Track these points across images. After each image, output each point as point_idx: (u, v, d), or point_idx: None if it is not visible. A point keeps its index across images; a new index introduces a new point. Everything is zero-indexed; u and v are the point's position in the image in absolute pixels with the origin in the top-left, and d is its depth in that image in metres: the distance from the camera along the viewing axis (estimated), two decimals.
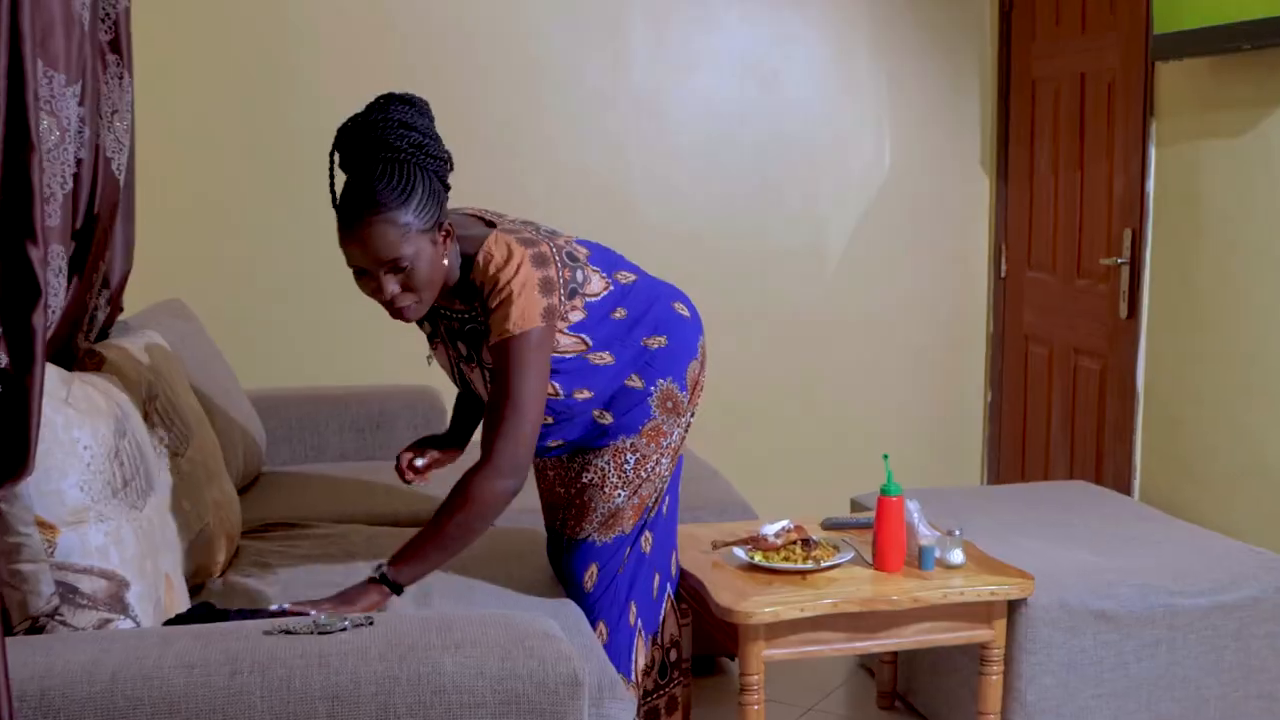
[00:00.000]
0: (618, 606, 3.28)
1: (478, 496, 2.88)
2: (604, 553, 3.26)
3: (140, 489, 2.71)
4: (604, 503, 3.23)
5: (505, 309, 2.88)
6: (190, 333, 4.19)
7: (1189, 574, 3.58)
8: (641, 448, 3.22)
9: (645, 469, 3.23)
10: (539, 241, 3.02)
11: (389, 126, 2.91)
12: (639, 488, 3.23)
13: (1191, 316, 4.28)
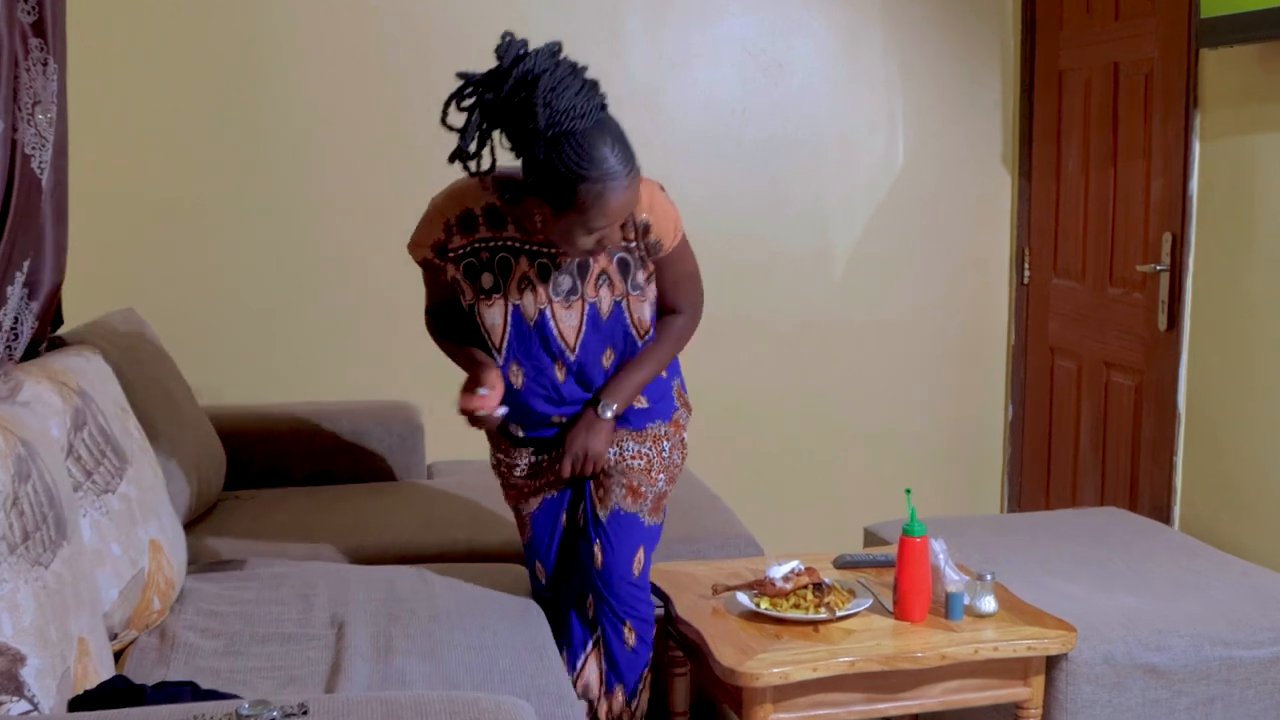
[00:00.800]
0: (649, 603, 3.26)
1: (683, 336, 3.21)
2: (651, 535, 3.23)
3: (47, 540, 2.34)
4: (650, 486, 3.20)
5: (668, 221, 3.07)
6: (141, 347, 3.85)
7: (1246, 621, 3.22)
8: (671, 437, 3.24)
9: (675, 458, 3.25)
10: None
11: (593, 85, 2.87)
12: (673, 477, 3.25)
13: (1239, 329, 3.95)
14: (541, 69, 2.74)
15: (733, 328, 4.90)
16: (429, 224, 3.08)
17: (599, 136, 2.76)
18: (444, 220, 3.05)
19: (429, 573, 3.37)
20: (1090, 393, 4.75)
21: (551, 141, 2.71)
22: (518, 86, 2.75)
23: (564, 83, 2.75)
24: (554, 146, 2.72)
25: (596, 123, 2.77)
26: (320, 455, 4.43)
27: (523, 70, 2.75)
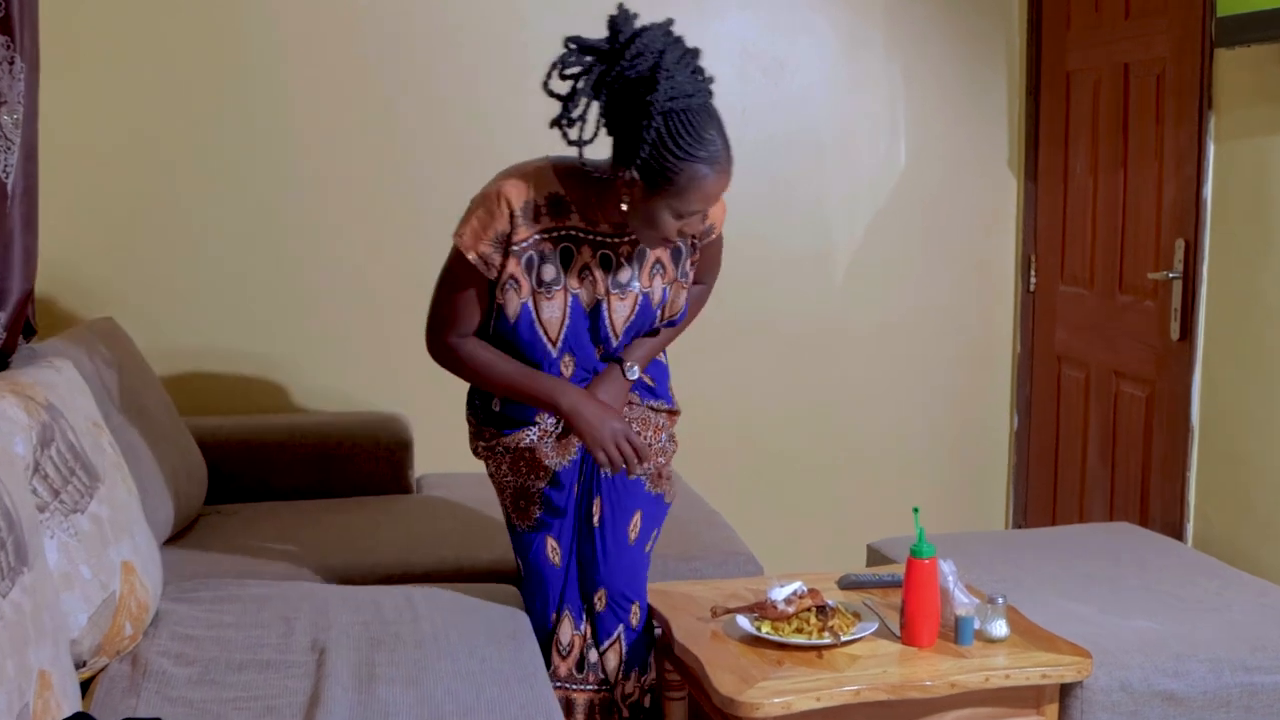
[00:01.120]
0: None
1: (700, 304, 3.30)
2: (650, 503, 3.23)
3: (6, 568, 2.21)
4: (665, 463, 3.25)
5: (720, 207, 3.08)
6: (119, 357, 3.74)
7: (1267, 645, 3.10)
8: (667, 427, 3.25)
9: (670, 449, 3.26)
10: None
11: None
12: (668, 462, 3.26)
13: (1256, 338, 3.84)
14: (664, 44, 2.76)
15: (730, 332, 4.79)
16: (489, 215, 2.95)
17: (708, 119, 2.78)
18: (508, 210, 2.94)
19: (416, 594, 3.26)
20: (1099, 403, 4.64)
21: (666, 117, 2.72)
22: (638, 58, 2.73)
23: (684, 60, 2.76)
24: (667, 122, 2.72)
25: (704, 105, 2.78)
26: (305, 468, 4.33)
27: (645, 43, 2.75)
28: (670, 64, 2.72)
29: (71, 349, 3.40)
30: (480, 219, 2.94)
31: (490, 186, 2.98)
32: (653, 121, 2.71)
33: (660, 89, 2.70)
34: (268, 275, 4.58)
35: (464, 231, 2.96)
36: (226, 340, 4.59)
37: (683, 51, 2.78)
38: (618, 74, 2.75)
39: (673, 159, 2.73)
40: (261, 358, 4.62)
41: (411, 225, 4.63)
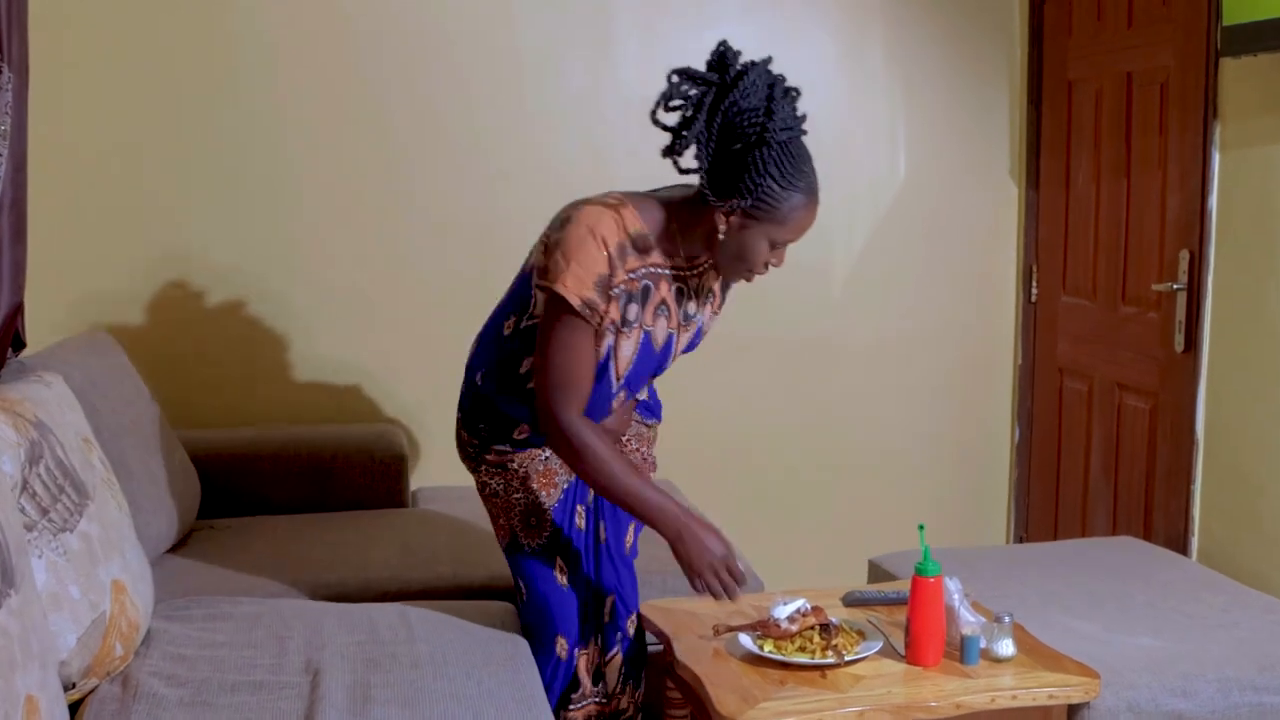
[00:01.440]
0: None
1: None
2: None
3: None
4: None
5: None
6: (111, 370, 3.72)
7: (1276, 664, 3.07)
8: (654, 442, 3.33)
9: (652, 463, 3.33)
10: None
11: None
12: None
13: (1262, 351, 3.82)
14: (771, 78, 2.82)
15: (729, 344, 4.72)
16: (589, 257, 2.85)
17: (806, 152, 2.88)
18: (605, 252, 2.87)
19: (411, 612, 3.21)
20: (1102, 416, 4.62)
21: (777, 147, 2.78)
22: (750, 90, 2.78)
23: (789, 94, 2.83)
24: (777, 153, 2.79)
25: (803, 138, 2.88)
26: (299, 482, 4.30)
27: (755, 75, 2.80)
28: (780, 96, 2.79)
29: (61, 362, 3.35)
30: (581, 263, 2.84)
31: (577, 226, 2.88)
32: (764, 151, 2.77)
33: (775, 119, 2.76)
34: (260, 286, 4.56)
35: (564, 279, 2.84)
36: (219, 352, 4.56)
37: (786, 86, 2.83)
38: (731, 104, 2.78)
39: (779, 188, 2.80)
40: (255, 370, 4.60)
41: (405, 237, 4.62)
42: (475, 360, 3.12)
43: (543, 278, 2.87)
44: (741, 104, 2.78)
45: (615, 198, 2.94)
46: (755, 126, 2.77)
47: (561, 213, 2.95)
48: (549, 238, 2.92)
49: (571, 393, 2.88)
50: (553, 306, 2.87)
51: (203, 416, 4.48)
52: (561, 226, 2.88)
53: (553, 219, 2.98)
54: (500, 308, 3.10)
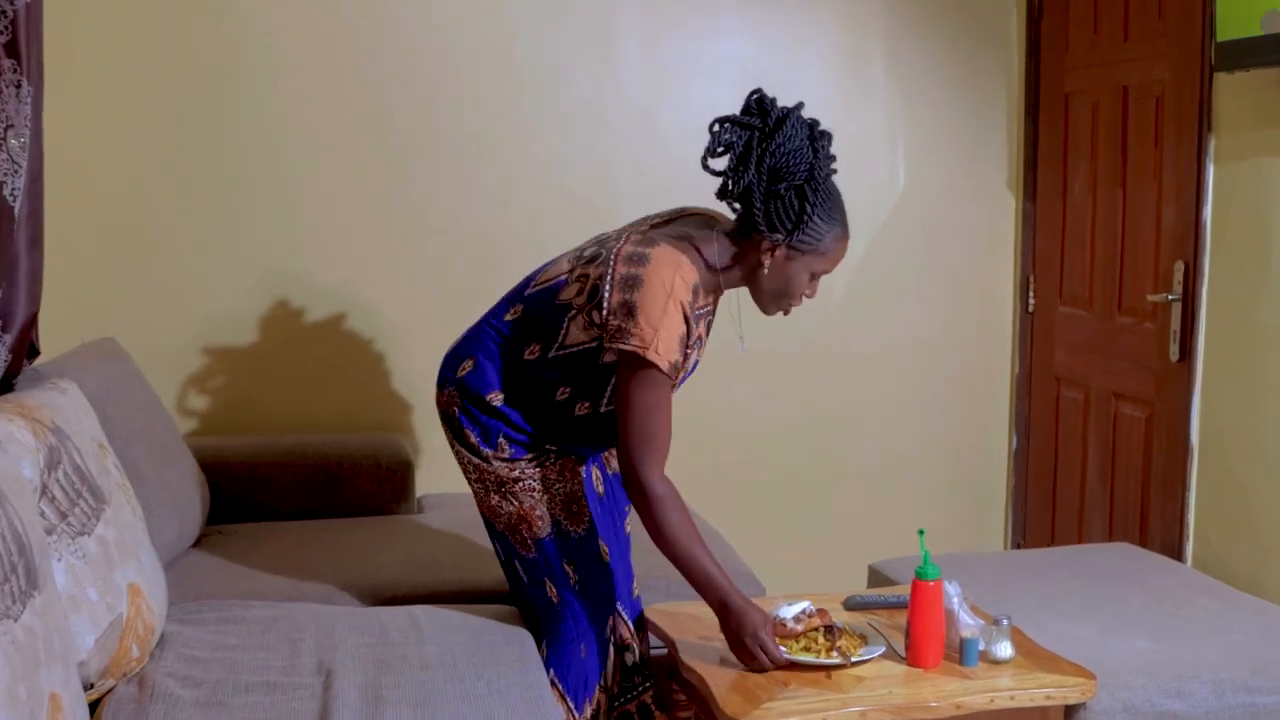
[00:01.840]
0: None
1: None
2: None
3: (17, 591, 2.21)
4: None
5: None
6: (121, 378, 3.75)
7: (1269, 666, 3.12)
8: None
9: None
10: None
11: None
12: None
13: (1256, 360, 3.88)
14: (809, 122, 3.00)
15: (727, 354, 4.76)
16: (673, 322, 2.97)
17: (839, 190, 3.08)
18: (682, 313, 2.99)
19: (420, 615, 3.26)
20: (1098, 424, 4.68)
21: (824, 187, 2.99)
22: (793, 134, 2.94)
23: (824, 137, 3.01)
24: (825, 193, 3.00)
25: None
26: (307, 488, 4.34)
27: (794, 121, 2.97)
28: (819, 138, 2.98)
29: (75, 369, 3.38)
30: (667, 328, 2.95)
31: (655, 291, 2.96)
32: (811, 189, 2.95)
33: (819, 161, 2.96)
34: (268, 297, 4.60)
35: (656, 346, 2.94)
36: (227, 361, 4.60)
37: (821, 129, 3.02)
38: (776, 146, 2.93)
39: (823, 224, 3.00)
40: (262, 379, 4.63)
41: (410, 246, 4.67)
42: (482, 381, 3.17)
43: (625, 341, 2.94)
44: (786, 146, 2.93)
45: (682, 246, 3.05)
46: (803, 167, 2.94)
47: (620, 256, 3.02)
48: (616, 293, 2.97)
49: (658, 451, 3.00)
50: (637, 367, 2.96)
51: (211, 424, 4.53)
52: (634, 287, 2.94)
53: (603, 250, 3.08)
54: (512, 329, 3.17)
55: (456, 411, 3.18)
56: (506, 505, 3.18)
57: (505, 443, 3.14)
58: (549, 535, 3.19)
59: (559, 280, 3.12)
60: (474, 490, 3.24)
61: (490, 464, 3.17)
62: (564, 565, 3.20)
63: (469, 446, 3.18)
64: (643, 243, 3.03)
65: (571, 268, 3.11)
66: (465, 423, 3.17)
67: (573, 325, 3.06)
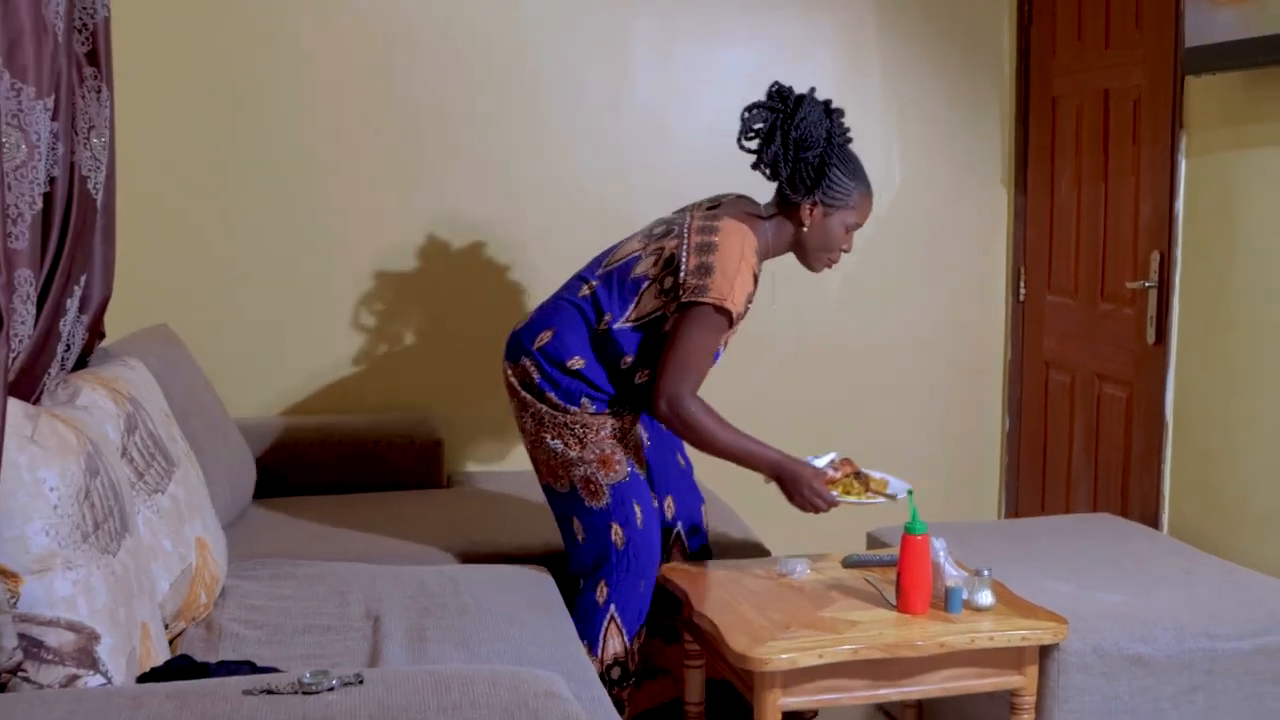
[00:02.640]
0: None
1: None
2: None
3: (113, 531, 2.52)
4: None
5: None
6: (176, 360, 4.02)
7: (1227, 615, 3.40)
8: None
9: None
10: None
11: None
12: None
13: (1223, 342, 4.11)
14: (823, 101, 3.53)
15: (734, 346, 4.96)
16: (745, 278, 3.48)
17: (857, 156, 3.60)
18: (753, 274, 3.52)
19: (455, 571, 3.54)
20: (1083, 404, 4.89)
21: (840, 149, 3.51)
22: (810, 111, 3.49)
23: (839, 111, 3.57)
24: (841, 154, 3.52)
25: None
26: (344, 465, 4.59)
27: (810, 101, 3.50)
28: (833, 112, 3.52)
29: (138, 351, 3.63)
30: (741, 284, 3.46)
31: (730, 252, 3.46)
32: (832, 153, 3.48)
33: (835, 130, 3.49)
34: (308, 288, 4.85)
35: (733, 297, 3.43)
36: (270, 348, 4.84)
37: (835, 107, 3.55)
38: (799, 122, 3.45)
39: (848, 180, 3.52)
40: (303, 363, 4.87)
41: (435, 246, 4.90)
42: (563, 348, 3.57)
43: (702, 295, 3.41)
44: (806, 121, 3.45)
45: (747, 221, 3.56)
46: (821, 134, 3.46)
47: (694, 229, 3.53)
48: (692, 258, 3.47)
49: (695, 380, 3.48)
50: (705, 313, 3.43)
51: (255, 405, 4.78)
52: (709, 251, 3.47)
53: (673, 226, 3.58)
54: (587, 304, 3.60)
55: (536, 379, 3.57)
56: (589, 453, 3.54)
57: (588, 401, 3.54)
58: (624, 479, 3.57)
59: (633, 257, 3.58)
60: (547, 449, 3.60)
61: (575, 419, 3.55)
62: (633, 505, 3.57)
63: (553, 406, 3.56)
64: (710, 218, 3.52)
65: (644, 245, 3.58)
66: (546, 387, 3.56)
67: (645, 295, 3.53)
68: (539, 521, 4.02)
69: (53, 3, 2.73)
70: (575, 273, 3.73)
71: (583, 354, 3.56)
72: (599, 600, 3.57)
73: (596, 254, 3.74)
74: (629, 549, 3.56)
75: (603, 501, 3.55)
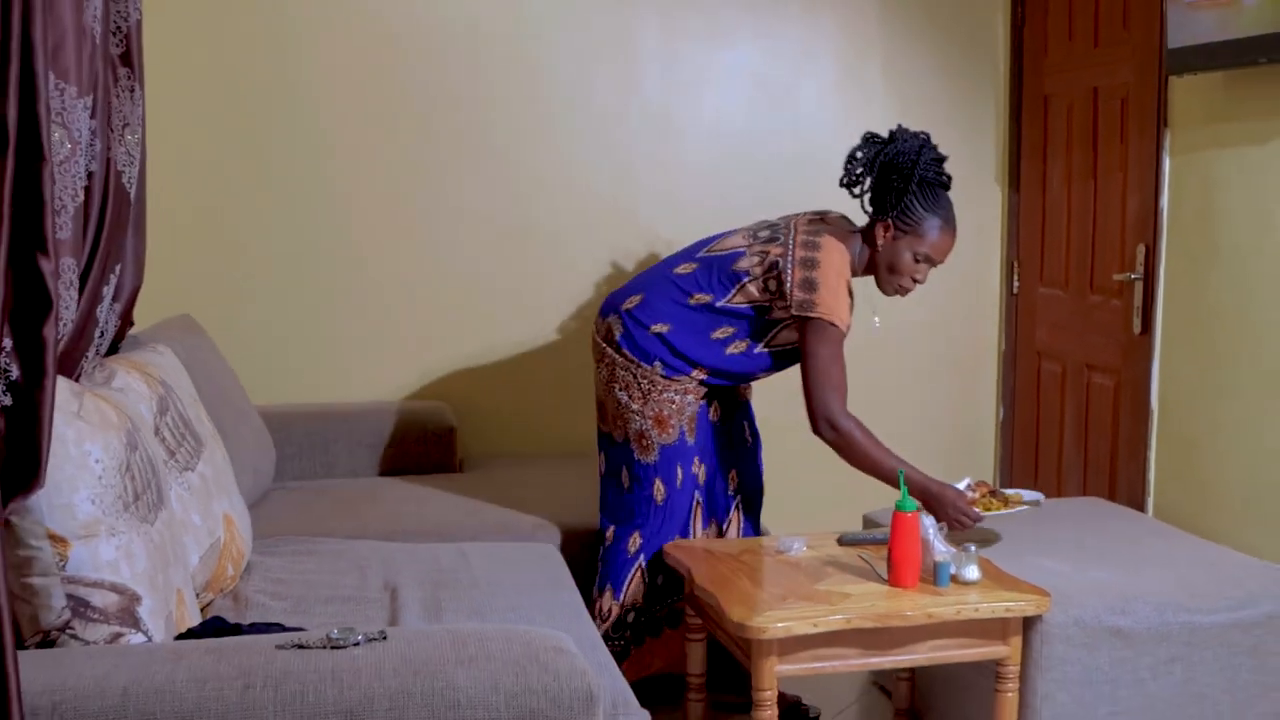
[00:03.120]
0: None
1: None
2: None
3: (151, 503, 2.70)
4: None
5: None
6: (199, 348, 4.17)
7: (1204, 591, 3.55)
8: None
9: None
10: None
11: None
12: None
13: (1206, 332, 4.26)
14: (924, 138, 3.82)
15: None
16: (844, 294, 3.81)
17: (948, 197, 3.86)
18: (847, 285, 3.83)
19: (467, 548, 3.70)
20: (1073, 393, 5.04)
21: (922, 181, 3.76)
22: (907, 143, 3.79)
23: (937, 152, 3.84)
24: (922, 185, 3.77)
25: (946, 186, 3.87)
26: (361, 450, 4.76)
27: (907, 135, 3.81)
28: (927, 148, 3.79)
29: (164, 338, 3.79)
30: (840, 301, 3.77)
31: (829, 270, 3.77)
32: (912, 182, 3.73)
33: (921, 160, 3.74)
34: (325, 282, 5.02)
35: (838, 309, 3.76)
36: (289, 339, 5.01)
37: (934, 147, 3.82)
38: (892, 152, 3.76)
39: (922, 210, 3.77)
40: (320, 353, 5.04)
41: (449, 243, 5.08)
42: (650, 312, 3.92)
43: (811, 310, 3.74)
44: (898, 151, 3.76)
45: (841, 245, 3.84)
46: (909, 162, 3.74)
47: (798, 242, 3.83)
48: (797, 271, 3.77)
49: (842, 394, 3.80)
50: (820, 327, 3.76)
51: (274, 393, 4.92)
52: (812, 267, 3.78)
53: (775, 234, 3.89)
54: (684, 279, 3.93)
55: (618, 335, 3.92)
56: (647, 409, 3.87)
57: (660, 364, 3.84)
58: (673, 442, 3.87)
59: (738, 251, 3.88)
60: (615, 399, 3.94)
61: (645, 376, 3.87)
62: (677, 468, 3.87)
63: (628, 359, 3.89)
64: (812, 233, 3.83)
65: (749, 243, 3.88)
66: (625, 344, 3.90)
67: (748, 286, 3.83)
68: (546, 503, 4.24)
69: (91, 7, 2.90)
70: (677, 250, 4.10)
71: (669, 320, 3.88)
72: (630, 550, 3.91)
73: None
74: (667, 505, 3.89)
75: (651, 457, 3.88)
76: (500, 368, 5.14)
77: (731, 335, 3.88)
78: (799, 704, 4.08)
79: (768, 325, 3.87)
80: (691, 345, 3.88)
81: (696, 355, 3.89)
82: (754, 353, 3.92)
